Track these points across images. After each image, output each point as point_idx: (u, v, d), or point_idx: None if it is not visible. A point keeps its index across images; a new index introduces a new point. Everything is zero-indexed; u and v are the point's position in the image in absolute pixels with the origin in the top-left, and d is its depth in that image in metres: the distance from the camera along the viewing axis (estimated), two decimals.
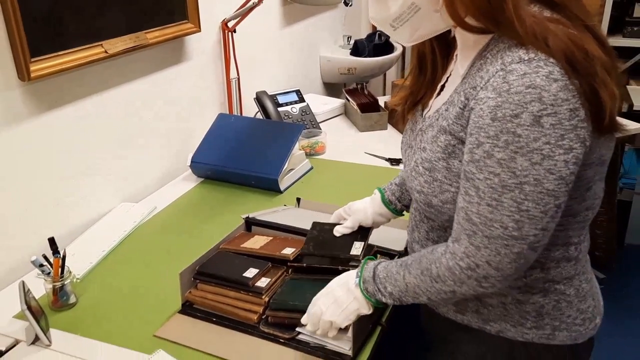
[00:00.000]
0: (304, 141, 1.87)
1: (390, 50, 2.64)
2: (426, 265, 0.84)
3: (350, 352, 0.99)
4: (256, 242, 1.24)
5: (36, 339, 1.04)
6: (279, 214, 1.41)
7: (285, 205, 1.52)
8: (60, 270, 1.11)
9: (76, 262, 1.26)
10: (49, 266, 1.12)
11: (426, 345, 1.04)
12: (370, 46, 2.58)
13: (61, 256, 1.12)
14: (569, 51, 0.70)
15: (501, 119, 0.71)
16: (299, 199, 1.50)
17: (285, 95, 2.10)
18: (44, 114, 1.29)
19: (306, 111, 2.08)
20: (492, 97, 0.72)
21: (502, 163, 0.72)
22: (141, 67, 1.57)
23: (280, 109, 2.01)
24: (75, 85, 1.37)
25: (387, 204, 1.13)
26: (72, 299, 1.15)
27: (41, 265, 1.10)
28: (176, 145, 1.76)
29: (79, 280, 1.23)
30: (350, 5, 2.36)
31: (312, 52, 2.58)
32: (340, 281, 0.95)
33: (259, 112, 1.98)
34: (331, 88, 2.76)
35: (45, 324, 1.06)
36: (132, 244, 1.38)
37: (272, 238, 1.26)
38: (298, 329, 1.04)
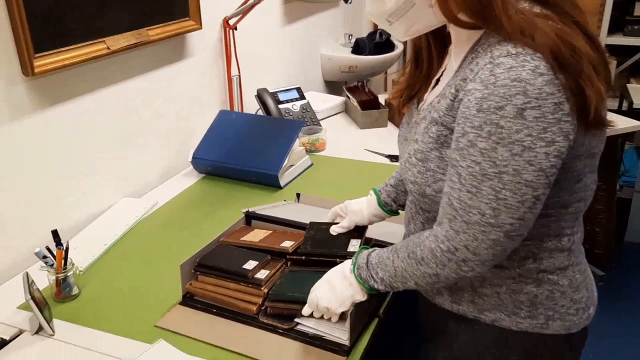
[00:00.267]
0: (304, 138, 1.89)
1: (391, 48, 2.65)
2: (412, 248, 0.87)
3: (347, 342, 1.00)
4: (256, 236, 1.26)
5: (40, 328, 1.06)
6: (278, 208, 1.43)
7: (285, 200, 1.54)
8: (64, 262, 1.13)
9: (79, 255, 1.28)
10: (52, 258, 1.14)
11: (422, 336, 1.06)
12: (371, 44, 2.60)
13: (64, 248, 1.14)
14: (555, 47, 0.72)
15: (486, 110, 0.73)
16: (298, 195, 1.52)
17: (286, 93, 2.12)
18: (47, 109, 1.31)
19: (307, 108, 2.10)
20: (479, 89, 0.74)
21: (484, 152, 0.74)
22: (143, 64, 1.59)
23: (281, 106, 2.03)
24: (78, 82, 1.39)
25: (383, 205, 1.16)
26: (75, 291, 1.17)
27: (44, 257, 1.12)
28: (177, 141, 1.78)
29: (82, 272, 1.25)
30: (350, 3, 2.37)
31: (313, 51, 2.60)
32: (336, 269, 0.98)
33: (259, 109, 2.00)
34: (332, 86, 2.77)
35: (49, 314, 1.08)
36: (134, 237, 1.40)
37: (272, 232, 1.28)
38: (297, 319, 1.06)
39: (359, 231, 1.18)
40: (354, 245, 1.13)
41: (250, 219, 1.35)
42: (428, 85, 0.96)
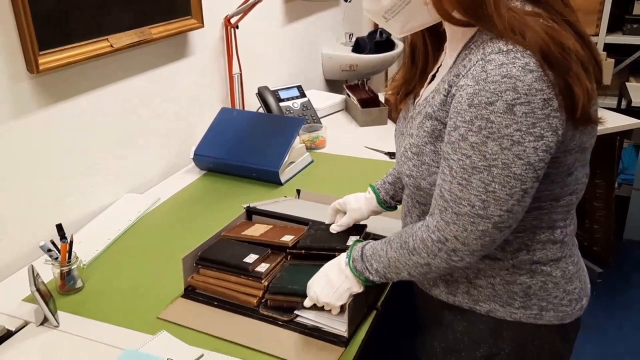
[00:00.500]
0: (304, 135, 1.91)
1: (391, 47, 2.67)
2: (405, 238, 0.89)
3: (345, 334, 1.02)
4: (256, 230, 1.28)
5: (45, 320, 1.08)
6: (279, 204, 1.45)
7: (285, 196, 1.56)
8: (68, 255, 1.16)
9: (82, 250, 1.30)
10: (57, 251, 1.16)
11: (419, 327, 1.08)
12: (371, 43, 2.62)
13: (68, 242, 1.16)
14: (545, 45, 0.74)
15: (477, 105, 0.75)
16: (299, 191, 1.54)
17: (286, 91, 2.14)
18: (51, 106, 1.34)
19: (307, 106, 2.12)
20: (471, 85, 0.76)
21: (475, 146, 0.77)
22: (145, 62, 1.61)
23: (281, 104, 2.05)
24: (81, 79, 1.41)
25: (382, 203, 1.18)
26: (79, 284, 1.19)
27: (49, 250, 1.15)
28: (179, 139, 1.80)
29: (85, 266, 1.27)
30: (350, 2, 2.39)
31: (313, 49, 2.62)
32: (332, 263, 1.00)
33: (260, 107, 2.02)
34: (333, 85, 2.79)
35: (54, 306, 1.11)
36: (137, 232, 1.43)
37: (272, 226, 1.30)
38: (296, 311, 1.08)
39: (357, 229, 1.21)
40: (353, 240, 1.15)
41: (251, 214, 1.37)
42: (424, 81, 0.98)
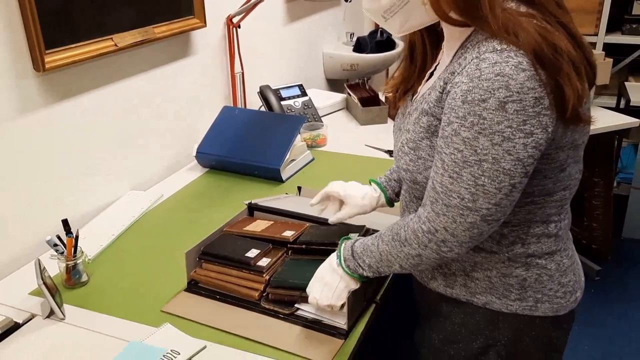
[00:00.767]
0: (305, 134, 1.93)
1: (392, 46, 2.69)
2: (396, 230, 0.92)
3: (345, 326, 1.05)
4: (258, 226, 1.30)
5: (51, 313, 1.11)
6: (280, 201, 1.47)
7: (286, 193, 1.58)
8: (74, 249, 1.18)
9: (87, 245, 1.33)
10: (63, 246, 1.18)
11: (417, 319, 1.10)
12: (372, 43, 2.64)
13: (74, 236, 1.18)
14: (537, 46, 0.76)
15: (470, 102, 0.78)
16: (300, 188, 1.56)
17: (288, 90, 2.17)
18: (57, 104, 1.36)
19: (308, 105, 2.14)
20: (465, 82, 0.79)
21: (466, 141, 0.79)
22: (148, 61, 1.64)
23: (283, 103, 2.07)
24: (86, 78, 1.43)
25: (389, 201, 1.20)
26: (84, 278, 1.21)
27: (55, 245, 1.17)
28: (182, 136, 1.82)
29: (90, 261, 1.29)
30: (350, 2, 2.42)
31: (315, 49, 2.64)
32: (324, 265, 1.03)
33: (262, 106, 2.04)
34: (334, 84, 2.81)
35: (60, 299, 1.13)
36: (140, 228, 1.45)
37: (273, 222, 1.33)
38: (296, 305, 1.10)
39: (357, 227, 1.23)
40: (353, 237, 1.17)
41: (253, 210, 1.40)
42: (422, 79, 1.00)
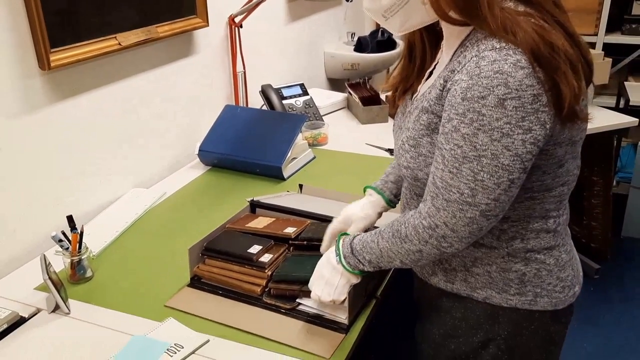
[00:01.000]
0: (307, 132, 1.94)
1: (392, 46, 2.70)
2: (397, 227, 0.93)
3: (346, 321, 1.06)
4: (260, 222, 1.31)
5: (56, 307, 1.12)
6: (282, 198, 1.48)
7: (288, 191, 1.60)
8: (78, 245, 1.20)
9: (91, 241, 1.34)
10: (68, 242, 1.20)
11: (418, 314, 1.11)
12: (373, 42, 2.65)
13: (79, 232, 1.20)
14: (534, 45, 0.78)
15: (470, 99, 0.79)
16: (301, 185, 1.57)
17: (289, 89, 2.18)
18: (61, 102, 1.38)
19: (310, 104, 2.15)
20: (465, 80, 0.80)
21: (466, 137, 0.80)
22: (151, 60, 1.65)
23: (284, 102, 2.09)
24: (90, 76, 1.45)
25: (389, 203, 1.18)
26: (89, 273, 1.23)
27: (60, 241, 1.19)
28: (184, 135, 1.84)
29: (95, 257, 1.31)
30: (351, 1, 2.43)
31: (316, 48, 2.66)
32: (323, 262, 1.03)
33: (264, 105, 2.05)
34: (335, 83, 2.83)
35: (65, 294, 1.14)
36: (144, 225, 1.46)
37: (275, 219, 1.34)
38: (298, 300, 1.12)
39: None
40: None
41: (255, 207, 1.41)
42: (422, 78, 1.01)
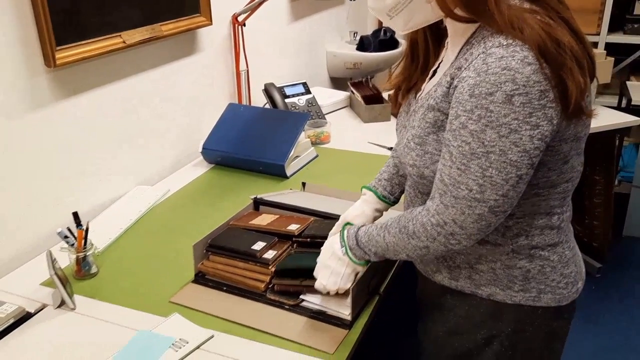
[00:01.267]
0: (309, 131, 1.95)
1: (395, 45, 2.71)
2: (404, 223, 0.93)
3: (349, 317, 1.07)
4: (264, 220, 1.32)
5: (62, 303, 1.13)
6: (285, 196, 1.49)
7: (291, 189, 1.60)
8: (84, 241, 1.20)
9: (96, 238, 1.34)
10: (73, 238, 1.20)
11: (421, 312, 1.12)
12: (375, 42, 2.66)
13: (84, 228, 1.21)
14: (541, 41, 0.78)
15: (477, 95, 0.80)
16: (304, 183, 1.58)
17: (292, 87, 2.19)
18: (67, 99, 1.39)
19: (312, 103, 2.16)
20: (472, 77, 0.81)
21: (474, 134, 0.81)
22: (155, 58, 1.66)
23: (287, 100, 2.09)
24: (94, 74, 1.45)
25: (382, 198, 1.18)
26: (94, 269, 1.24)
27: (66, 237, 1.19)
28: (188, 133, 1.85)
29: (100, 253, 1.31)
30: (354, 0, 2.43)
31: (318, 47, 2.66)
32: (327, 253, 1.04)
33: (267, 103, 2.06)
34: (337, 82, 2.83)
35: (70, 290, 1.15)
36: (148, 221, 1.47)
37: (279, 216, 1.35)
38: (302, 296, 1.12)
39: None
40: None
41: (258, 204, 1.42)
42: (425, 77, 1.01)
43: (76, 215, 1.22)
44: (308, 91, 2.20)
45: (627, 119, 2.19)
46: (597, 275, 2.59)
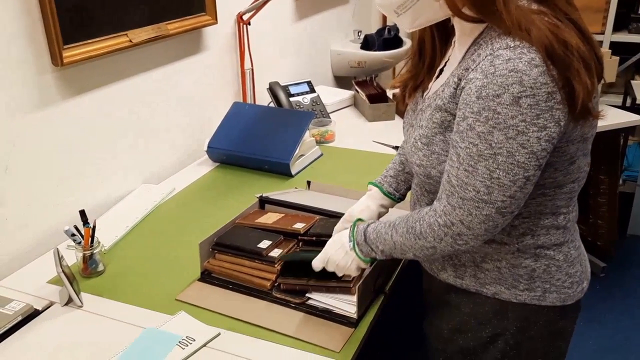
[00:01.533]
0: (314, 130, 1.95)
1: (399, 44, 2.71)
2: (411, 224, 0.93)
3: (355, 315, 1.07)
4: (269, 218, 1.33)
5: (69, 300, 1.14)
6: (290, 194, 1.50)
7: (296, 187, 1.61)
8: (91, 239, 1.21)
9: (102, 236, 1.35)
10: (80, 236, 1.21)
11: (426, 310, 1.12)
12: (379, 40, 2.66)
13: (91, 226, 1.21)
14: (548, 43, 0.78)
15: (485, 97, 0.80)
16: (309, 182, 1.59)
17: (296, 86, 2.19)
18: (73, 98, 1.39)
19: (317, 101, 2.16)
20: (480, 78, 0.81)
21: (481, 135, 0.81)
22: (161, 57, 1.67)
23: (292, 99, 2.10)
24: (101, 73, 1.46)
25: (388, 194, 1.19)
26: (101, 267, 1.24)
27: (73, 235, 1.20)
28: (192, 131, 1.85)
29: (106, 251, 1.32)
30: None
31: (323, 46, 2.67)
32: (335, 246, 1.04)
33: (271, 102, 2.06)
34: (341, 81, 2.84)
35: (77, 287, 1.16)
36: (154, 220, 1.48)
37: (284, 215, 1.35)
38: (307, 294, 1.13)
39: None
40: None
41: (264, 203, 1.42)
42: (431, 75, 1.02)
43: (83, 213, 1.23)
44: (312, 90, 2.21)
45: (631, 118, 2.19)
46: (601, 274, 2.59)
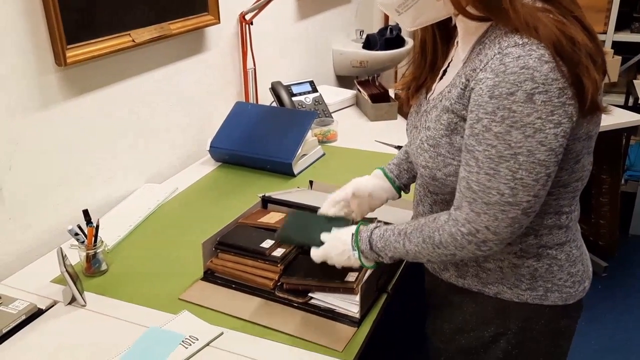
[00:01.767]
0: (316, 129, 1.96)
1: (401, 44, 2.71)
2: (428, 233, 0.91)
3: (357, 315, 1.07)
4: (272, 218, 1.33)
5: (73, 299, 1.14)
6: (292, 194, 1.50)
7: (298, 187, 1.61)
8: (94, 239, 1.21)
9: (105, 235, 1.35)
10: (83, 235, 1.22)
11: (429, 309, 1.12)
12: (381, 40, 2.66)
13: (95, 226, 1.22)
14: (556, 40, 0.78)
15: (498, 96, 0.79)
16: (311, 182, 1.59)
17: (299, 86, 2.19)
18: (76, 98, 1.39)
19: (319, 101, 2.17)
20: (490, 78, 0.80)
21: (499, 136, 0.80)
22: (164, 57, 1.67)
23: (294, 99, 2.10)
24: (104, 72, 1.46)
25: (389, 178, 1.19)
26: (104, 266, 1.25)
27: (76, 234, 1.21)
28: (195, 131, 1.86)
29: (109, 251, 1.32)
30: None
31: (325, 46, 2.67)
32: (337, 249, 1.02)
33: (274, 102, 2.07)
34: (343, 81, 2.84)
35: (81, 287, 1.16)
36: (157, 219, 1.48)
37: (287, 214, 1.35)
38: (310, 294, 1.13)
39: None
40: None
41: (267, 202, 1.42)
42: (435, 76, 1.01)
43: (86, 213, 1.23)
44: (315, 89, 2.21)
45: (633, 118, 2.18)
46: (603, 274, 2.59)
